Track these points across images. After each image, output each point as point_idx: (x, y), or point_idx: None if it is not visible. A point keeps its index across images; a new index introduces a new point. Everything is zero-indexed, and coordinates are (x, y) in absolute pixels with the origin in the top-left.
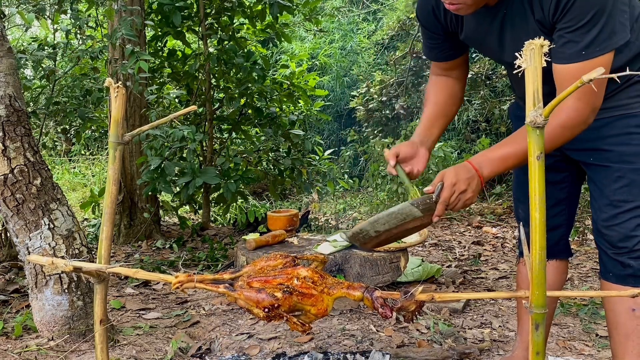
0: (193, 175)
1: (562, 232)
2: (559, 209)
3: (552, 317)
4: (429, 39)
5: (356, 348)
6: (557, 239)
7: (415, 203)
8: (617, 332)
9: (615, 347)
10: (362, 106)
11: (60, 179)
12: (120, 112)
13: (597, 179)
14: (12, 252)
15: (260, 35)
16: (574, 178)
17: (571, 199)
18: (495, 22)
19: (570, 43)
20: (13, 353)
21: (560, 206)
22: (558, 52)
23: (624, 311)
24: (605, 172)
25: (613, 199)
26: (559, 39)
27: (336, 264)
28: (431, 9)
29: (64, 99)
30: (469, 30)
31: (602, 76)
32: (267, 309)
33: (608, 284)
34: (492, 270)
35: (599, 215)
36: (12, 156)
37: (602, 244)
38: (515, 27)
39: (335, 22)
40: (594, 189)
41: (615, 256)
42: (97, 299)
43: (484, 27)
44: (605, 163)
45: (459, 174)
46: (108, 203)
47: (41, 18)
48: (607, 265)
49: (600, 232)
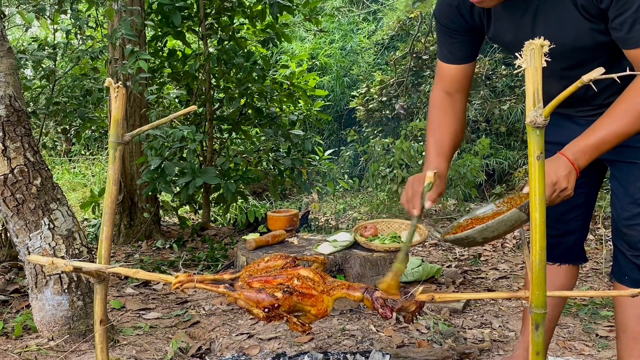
0: (193, 175)
1: (577, 237)
2: (576, 213)
3: (557, 320)
4: (449, 38)
5: (356, 348)
6: (571, 243)
7: (523, 208)
8: (625, 334)
9: (621, 349)
10: (362, 106)
11: (60, 179)
12: (120, 112)
13: (621, 176)
14: (12, 252)
15: (260, 35)
16: (593, 183)
17: (588, 204)
18: (527, 14)
19: (636, 24)
20: (13, 353)
21: (577, 211)
22: (628, 39)
23: (634, 316)
24: (631, 168)
25: (637, 197)
26: (621, 26)
27: (336, 264)
28: (456, 6)
29: (64, 99)
30: (499, 26)
31: (602, 76)
32: (267, 309)
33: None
34: (492, 270)
35: (621, 213)
36: (12, 156)
37: (620, 245)
38: (550, 18)
39: (335, 22)
40: (617, 187)
41: (634, 258)
42: (97, 299)
43: (515, 20)
44: (632, 159)
45: (558, 172)
46: (108, 203)
47: (41, 18)
48: (623, 268)
49: (621, 231)
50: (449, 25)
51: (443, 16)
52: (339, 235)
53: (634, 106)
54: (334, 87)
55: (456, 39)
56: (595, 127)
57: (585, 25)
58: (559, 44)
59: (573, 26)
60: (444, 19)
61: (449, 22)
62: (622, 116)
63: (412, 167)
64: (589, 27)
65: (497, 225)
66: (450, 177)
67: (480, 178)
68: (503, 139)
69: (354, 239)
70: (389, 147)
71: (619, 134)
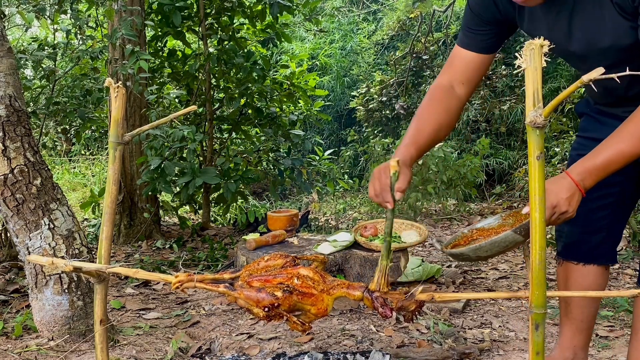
0: (193, 175)
1: (602, 237)
2: (603, 212)
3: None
4: (476, 25)
5: (356, 348)
6: (595, 243)
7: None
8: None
9: (632, 351)
10: (362, 106)
11: (60, 179)
12: (120, 112)
13: None
14: (12, 252)
15: (260, 35)
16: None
17: (620, 206)
18: (563, 11)
19: None
20: (13, 353)
21: (604, 210)
22: None
23: None
24: None
25: None
26: None
27: (336, 264)
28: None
29: (64, 99)
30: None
31: (602, 76)
32: (267, 308)
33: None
34: (492, 270)
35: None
36: (12, 156)
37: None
38: (587, 17)
39: (335, 22)
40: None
41: None
42: (97, 299)
43: (549, 20)
44: None
45: (559, 194)
46: (108, 203)
47: (41, 18)
48: None
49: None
50: (481, 14)
51: (477, 4)
52: (339, 235)
53: None
54: (334, 87)
55: (484, 27)
56: (602, 147)
57: (623, 24)
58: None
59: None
60: (477, 6)
61: (483, 10)
62: (631, 136)
63: None
64: (628, 25)
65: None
66: (450, 177)
67: (480, 178)
68: (503, 139)
69: (354, 239)
70: (389, 147)
71: (626, 155)
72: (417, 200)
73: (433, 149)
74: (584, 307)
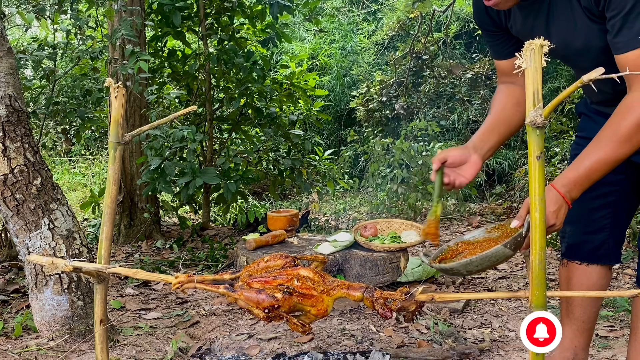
0: (193, 175)
1: (604, 237)
2: (604, 212)
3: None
4: (489, 37)
5: (356, 348)
6: (598, 242)
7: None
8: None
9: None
10: (362, 106)
11: (60, 179)
12: (120, 112)
13: None
14: (12, 252)
15: (260, 35)
16: (630, 185)
17: (622, 204)
18: (540, 14)
19: (624, 30)
20: (13, 353)
21: (606, 209)
22: (615, 43)
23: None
24: None
25: None
26: (612, 28)
27: (336, 264)
28: (483, 7)
29: (64, 99)
30: (518, 25)
31: (601, 76)
32: (267, 309)
33: None
34: (492, 270)
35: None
36: (12, 156)
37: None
38: (562, 20)
39: (335, 22)
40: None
41: None
42: (97, 299)
43: (530, 21)
44: None
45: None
46: (108, 203)
47: (41, 18)
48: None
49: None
50: (484, 25)
51: (477, 17)
52: (339, 235)
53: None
54: (334, 87)
55: (495, 37)
56: (583, 156)
57: (593, 27)
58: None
59: (583, 28)
60: (478, 19)
61: (483, 22)
62: (608, 142)
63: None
64: (597, 28)
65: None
66: None
67: (480, 178)
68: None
69: (354, 239)
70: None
71: (608, 161)
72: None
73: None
74: (585, 307)
